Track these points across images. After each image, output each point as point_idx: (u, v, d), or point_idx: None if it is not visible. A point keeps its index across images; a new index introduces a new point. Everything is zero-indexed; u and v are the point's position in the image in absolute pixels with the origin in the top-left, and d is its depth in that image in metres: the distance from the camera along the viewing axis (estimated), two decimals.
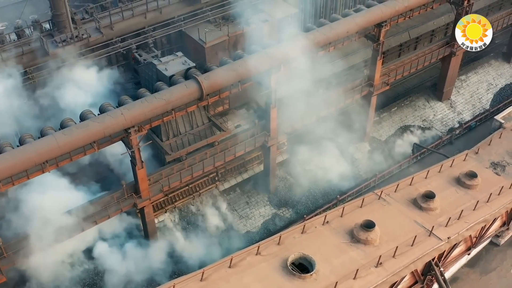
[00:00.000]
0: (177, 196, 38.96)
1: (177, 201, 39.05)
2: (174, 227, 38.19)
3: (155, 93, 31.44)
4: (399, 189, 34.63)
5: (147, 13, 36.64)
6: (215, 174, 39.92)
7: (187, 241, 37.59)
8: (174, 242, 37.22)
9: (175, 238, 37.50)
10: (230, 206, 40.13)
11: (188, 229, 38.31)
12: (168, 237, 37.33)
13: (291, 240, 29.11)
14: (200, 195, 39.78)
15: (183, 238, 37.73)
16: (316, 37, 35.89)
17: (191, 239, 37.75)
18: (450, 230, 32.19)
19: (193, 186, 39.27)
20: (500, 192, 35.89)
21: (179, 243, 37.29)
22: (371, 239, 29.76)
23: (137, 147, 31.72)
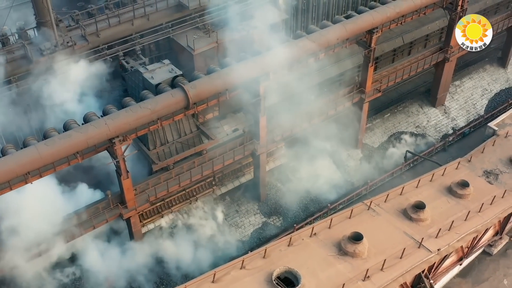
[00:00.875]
0: (174, 200, 38.39)
1: (174, 205, 38.48)
2: (165, 234, 37.60)
3: (140, 102, 30.93)
4: (389, 199, 34.16)
5: (134, 20, 36.09)
6: (212, 178, 39.43)
7: (175, 249, 36.98)
8: (161, 249, 36.65)
9: (164, 245, 36.92)
10: (221, 214, 39.55)
11: (178, 236, 37.69)
12: (155, 245, 36.74)
13: (277, 253, 28.61)
14: (197, 199, 39.22)
15: (172, 246, 37.12)
16: (305, 44, 35.39)
17: (179, 247, 37.15)
18: (440, 242, 31.72)
19: (190, 191, 38.73)
20: (492, 201, 35.40)
21: (167, 251, 36.72)
22: (359, 251, 29.27)
23: (122, 157, 31.22)
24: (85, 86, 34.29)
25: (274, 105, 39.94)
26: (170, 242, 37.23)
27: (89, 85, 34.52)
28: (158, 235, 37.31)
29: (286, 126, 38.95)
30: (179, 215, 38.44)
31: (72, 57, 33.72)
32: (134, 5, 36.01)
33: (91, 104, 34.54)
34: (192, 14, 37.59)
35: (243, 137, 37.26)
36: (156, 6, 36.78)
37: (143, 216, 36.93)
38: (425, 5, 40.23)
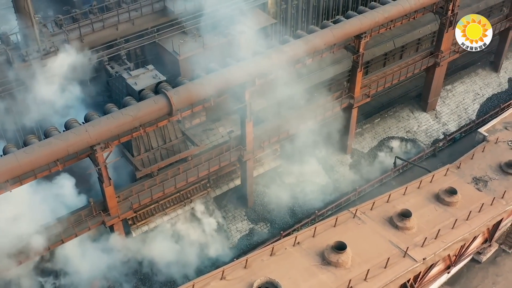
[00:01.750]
0: (168, 203, 38.06)
1: (168, 208, 38.13)
2: (150, 237, 37.16)
3: (122, 109, 30.54)
4: (375, 206, 33.73)
5: (119, 24, 35.71)
6: (207, 180, 39.06)
7: (159, 255, 36.57)
8: (146, 252, 36.33)
9: (149, 249, 36.54)
10: (207, 219, 39.13)
11: (164, 240, 37.22)
12: (141, 250, 36.39)
13: (259, 263, 28.20)
14: (192, 201, 38.83)
15: (157, 249, 36.68)
16: (292, 49, 34.97)
17: (164, 253, 36.74)
18: (426, 251, 31.30)
19: (184, 193, 38.41)
20: (480, 209, 34.98)
21: (151, 255, 36.38)
22: (342, 261, 28.85)
23: (103, 165, 30.83)
24: (67, 91, 33.92)
25: (262, 111, 39.76)
26: (155, 246, 36.78)
27: (72, 90, 34.16)
28: (144, 238, 36.89)
29: (273, 132, 38.57)
30: (168, 218, 38.06)
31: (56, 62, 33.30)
32: (118, 10, 35.55)
33: (74, 109, 34.13)
34: (178, 18, 37.11)
35: (229, 143, 36.81)
36: (141, 11, 36.34)
37: (137, 218, 36.59)
38: (414, 9, 39.80)
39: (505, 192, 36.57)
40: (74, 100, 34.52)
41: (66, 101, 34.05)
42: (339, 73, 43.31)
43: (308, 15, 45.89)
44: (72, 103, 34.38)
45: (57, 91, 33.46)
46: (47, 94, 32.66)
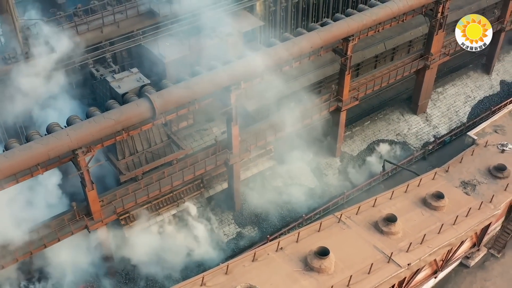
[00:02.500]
0: (161, 203, 37.85)
1: (161, 208, 37.90)
2: (142, 239, 36.86)
3: (104, 112, 30.28)
4: (361, 211, 33.47)
5: (104, 27, 35.42)
6: (200, 180, 38.82)
7: (145, 256, 36.33)
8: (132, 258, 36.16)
9: (134, 254, 36.36)
10: (197, 222, 38.83)
11: (152, 242, 36.92)
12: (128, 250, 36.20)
13: (240, 269, 27.93)
14: (185, 202, 38.58)
15: (143, 255, 36.43)
16: (277, 52, 34.72)
17: (149, 254, 36.47)
18: (411, 256, 31.04)
19: (177, 193, 38.20)
20: (468, 213, 34.72)
21: (138, 258, 36.21)
22: (325, 267, 28.59)
23: (86, 169, 30.57)
24: (51, 94, 33.70)
25: (249, 114, 39.57)
26: (143, 246, 36.50)
27: (56, 93, 33.94)
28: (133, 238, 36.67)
29: (261, 135, 38.34)
30: (161, 219, 37.83)
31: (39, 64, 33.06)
32: (103, 12, 35.28)
33: (58, 113, 33.87)
34: (163, 21, 36.83)
35: (215, 146, 36.54)
36: (126, 13, 36.07)
37: (130, 218, 36.33)
38: (403, 12, 39.51)
39: (493, 196, 36.34)
40: (58, 103, 34.29)
41: (49, 103, 33.88)
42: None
43: (298, 17, 45.60)
44: (56, 106, 34.16)
45: (40, 94, 33.26)
46: (30, 97, 32.44)
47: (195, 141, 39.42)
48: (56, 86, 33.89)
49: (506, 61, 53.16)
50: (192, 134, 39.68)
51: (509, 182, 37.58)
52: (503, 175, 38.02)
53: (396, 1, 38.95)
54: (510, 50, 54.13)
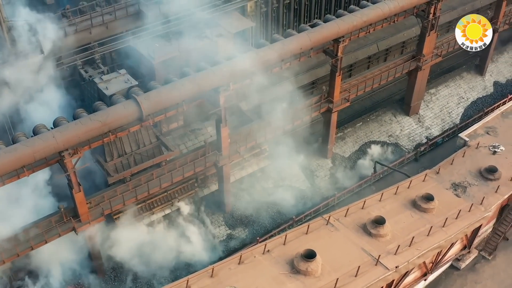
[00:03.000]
0: (155, 202, 37.78)
1: (155, 207, 37.84)
2: (132, 239, 36.67)
3: (91, 114, 30.13)
4: (349, 213, 33.38)
5: (92, 28, 35.26)
6: (195, 180, 38.69)
7: (134, 258, 36.22)
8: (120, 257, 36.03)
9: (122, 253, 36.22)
10: (187, 223, 38.66)
11: (140, 244, 36.75)
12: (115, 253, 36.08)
13: (226, 271, 27.80)
14: (179, 201, 38.52)
15: (132, 254, 36.28)
16: (266, 54, 34.56)
17: (139, 256, 36.35)
18: (399, 259, 30.93)
19: (172, 193, 38.15)
20: (458, 215, 34.60)
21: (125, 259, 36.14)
22: (312, 270, 28.47)
23: (72, 171, 30.42)
24: (39, 95, 33.58)
25: (240, 115, 39.44)
26: (131, 247, 36.40)
27: (44, 94, 33.82)
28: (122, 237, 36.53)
29: (251, 136, 38.20)
30: (156, 218, 37.81)
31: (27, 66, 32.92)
32: (91, 13, 35.12)
33: (47, 114, 33.71)
34: (153, 22, 36.63)
35: (205, 148, 36.38)
36: (115, 14, 35.91)
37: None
38: (393, 13, 39.32)
39: (484, 198, 36.23)
40: (46, 105, 34.15)
41: (38, 105, 33.76)
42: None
43: (289, 18, 45.47)
44: (44, 107, 34.02)
45: (29, 96, 33.17)
46: (17, 97, 32.35)
47: (189, 141, 39.32)
48: (43, 87, 33.78)
49: (499, 62, 52.99)
50: (186, 134, 39.58)
51: (500, 184, 37.50)
52: (494, 177, 37.91)
53: (387, 2, 38.81)
54: (504, 51, 53.97)
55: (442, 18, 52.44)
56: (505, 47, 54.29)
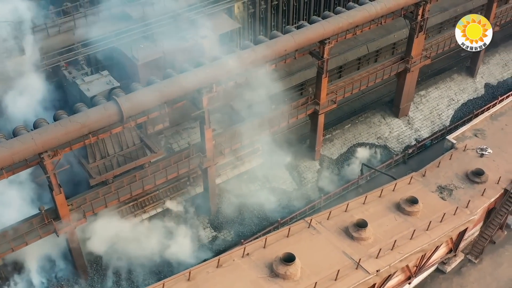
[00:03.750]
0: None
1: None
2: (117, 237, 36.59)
3: (70, 116, 29.98)
4: (332, 216, 33.19)
5: (76, 29, 35.10)
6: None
7: (116, 256, 36.20)
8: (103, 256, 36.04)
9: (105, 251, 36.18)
10: (172, 225, 38.51)
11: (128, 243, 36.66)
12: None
13: (204, 275, 27.62)
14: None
15: (115, 252, 36.22)
16: (250, 55, 34.37)
17: (122, 257, 36.29)
18: (380, 262, 30.73)
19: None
20: (442, 218, 34.37)
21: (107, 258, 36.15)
22: (290, 273, 28.27)
23: (52, 172, 30.26)
24: (23, 97, 33.40)
25: (226, 116, 39.30)
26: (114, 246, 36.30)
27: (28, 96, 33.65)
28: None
29: (236, 138, 38.06)
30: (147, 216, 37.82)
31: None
32: (74, 14, 34.97)
33: (31, 115, 33.56)
34: (137, 23, 36.44)
35: (189, 149, 36.22)
36: (99, 15, 35.75)
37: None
38: (381, 14, 39.08)
39: (470, 202, 36.02)
40: (30, 106, 33.98)
41: (22, 106, 33.58)
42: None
43: (278, 19, 45.27)
44: (28, 109, 33.85)
45: (12, 97, 33.01)
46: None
47: (182, 139, 39.34)
48: (26, 88, 33.60)
49: (491, 63, 52.71)
50: (179, 132, 39.51)
51: (486, 187, 37.28)
52: (480, 180, 37.70)
53: (374, 4, 38.58)
54: (496, 53, 53.67)
55: (433, 19, 52.40)
56: (497, 49, 53.96)
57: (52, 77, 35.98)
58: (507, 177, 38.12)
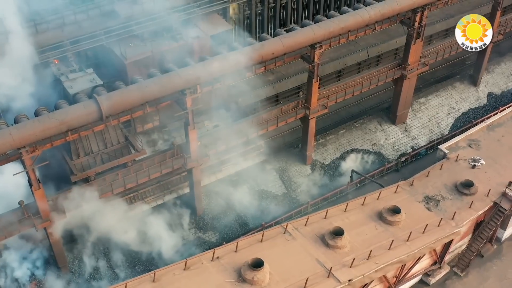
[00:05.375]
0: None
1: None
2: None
3: (50, 112, 30.24)
4: (311, 222, 32.89)
5: (65, 26, 35.36)
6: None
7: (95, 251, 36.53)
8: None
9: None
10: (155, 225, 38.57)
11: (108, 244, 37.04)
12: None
13: (170, 277, 27.58)
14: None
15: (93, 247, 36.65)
16: (236, 58, 34.20)
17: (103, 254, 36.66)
18: (354, 272, 30.34)
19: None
20: (425, 230, 33.79)
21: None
22: (258, 279, 28.07)
23: (30, 168, 30.54)
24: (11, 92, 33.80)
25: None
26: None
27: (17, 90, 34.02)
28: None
29: (223, 140, 38.02)
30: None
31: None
32: (64, 12, 35.27)
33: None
34: (127, 22, 36.57)
35: (173, 149, 36.26)
36: (88, 13, 35.98)
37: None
38: (375, 20, 38.55)
39: (456, 213, 35.38)
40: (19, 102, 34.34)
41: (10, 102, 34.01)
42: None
43: (275, 21, 45.03)
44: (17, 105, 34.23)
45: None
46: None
47: (183, 134, 39.25)
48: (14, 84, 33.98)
49: (495, 72, 51.61)
50: (182, 127, 39.42)
51: (474, 199, 36.56)
52: (469, 191, 36.99)
53: (367, 9, 38.13)
54: (501, 62, 52.55)
55: (438, 26, 51.65)
56: (503, 58, 52.84)
57: (40, 73, 36.27)
58: (497, 190, 37.32)
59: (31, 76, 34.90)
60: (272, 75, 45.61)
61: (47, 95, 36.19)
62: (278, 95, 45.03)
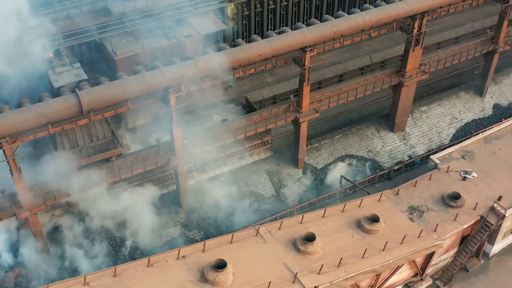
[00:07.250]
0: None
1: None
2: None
3: (31, 105, 30.89)
4: (284, 226, 32.77)
5: (57, 21, 36.00)
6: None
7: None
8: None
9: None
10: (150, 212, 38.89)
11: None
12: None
13: (132, 273, 27.85)
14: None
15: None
16: (222, 59, 34.26)
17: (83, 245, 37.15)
18: (321, 278, 30.11)
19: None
20: (403, 240, 33.30)
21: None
22: (220, 280, 28.12)
23: (11, 158, 31.25)
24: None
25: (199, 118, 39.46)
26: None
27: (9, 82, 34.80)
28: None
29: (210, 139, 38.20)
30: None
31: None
32: (55, 7, 35.90)
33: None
34: (120, 18, 37.04)
35: (158, 147, 36.57)
36: (81, 9, 36.55)
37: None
38: (370, 25, 38.12)
39: (438, 225, 34.80)
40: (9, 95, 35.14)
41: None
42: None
43: (275, 22, 44.92)
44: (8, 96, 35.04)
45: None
46: None
47: (193, 127, 39.47)
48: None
49: (503, 84, 50.34)
50: (193, 120, 39.69)
51: (460, 212, 35.89)
52: (456, 204, 36.37)
53: (362, 15, 37.72)
54: (510, 73, 51.23)
55: (447, 34, 50.84)
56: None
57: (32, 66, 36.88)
58: (486, 204, 36.58)
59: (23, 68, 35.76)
60: (271, 77, 45.82)
61: (36, 88, 37.09)
62: (276, 96, 45.23)
